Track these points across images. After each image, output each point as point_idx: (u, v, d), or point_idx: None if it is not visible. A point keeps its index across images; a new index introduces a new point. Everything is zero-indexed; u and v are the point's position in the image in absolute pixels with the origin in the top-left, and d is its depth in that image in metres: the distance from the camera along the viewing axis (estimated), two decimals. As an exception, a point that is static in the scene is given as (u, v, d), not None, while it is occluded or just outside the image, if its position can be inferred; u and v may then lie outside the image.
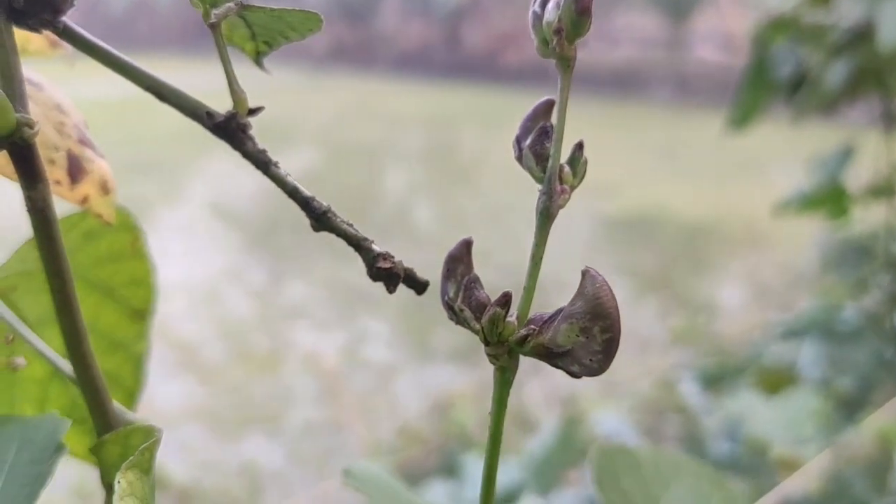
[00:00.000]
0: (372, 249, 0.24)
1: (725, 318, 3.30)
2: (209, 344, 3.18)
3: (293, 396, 2.81)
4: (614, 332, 0.23)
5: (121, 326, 0.38)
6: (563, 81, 0.24)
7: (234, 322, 3.37)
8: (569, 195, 0.25)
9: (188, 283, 3.76)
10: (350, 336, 3.19)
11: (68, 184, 0.28)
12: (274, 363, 3.03)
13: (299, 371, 2.97)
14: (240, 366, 3.03)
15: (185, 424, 2.62)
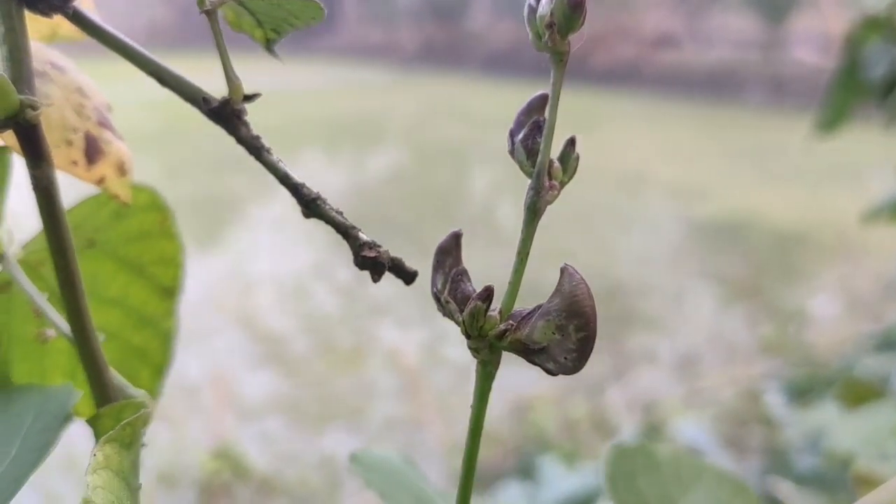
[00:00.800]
0: (359, 238, 0.24)
1: (815, 328, 3.19)
2: (295, 338, 3.24)
3: (374, 392, 2.84)
4: (589, 332, 0.22)
5: (150, 303, 0.38)
6: (555, 75, 0.24)
7: (319, 317, 3.43)
8: (558, 191, 0.24)
9: (277, 278, 3.85)
10: (431, 334, 3.20)
11: (85, 164, 0.29)
12: (357, 359, 3.07)
13: (381, 367, 3.00)
14: (324, 360, 3.08)
15: (268, 416, 2.68)
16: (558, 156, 0.25)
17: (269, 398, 2.80)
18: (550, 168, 0.24)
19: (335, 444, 2.54)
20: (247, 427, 2.62)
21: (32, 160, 0.25)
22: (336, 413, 2.72)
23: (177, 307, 0.40)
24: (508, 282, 0.24)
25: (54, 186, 0.25)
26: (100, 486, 0.20)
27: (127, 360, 0.39)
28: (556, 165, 0.24)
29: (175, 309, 0.40)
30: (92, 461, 0.21)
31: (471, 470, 0.25)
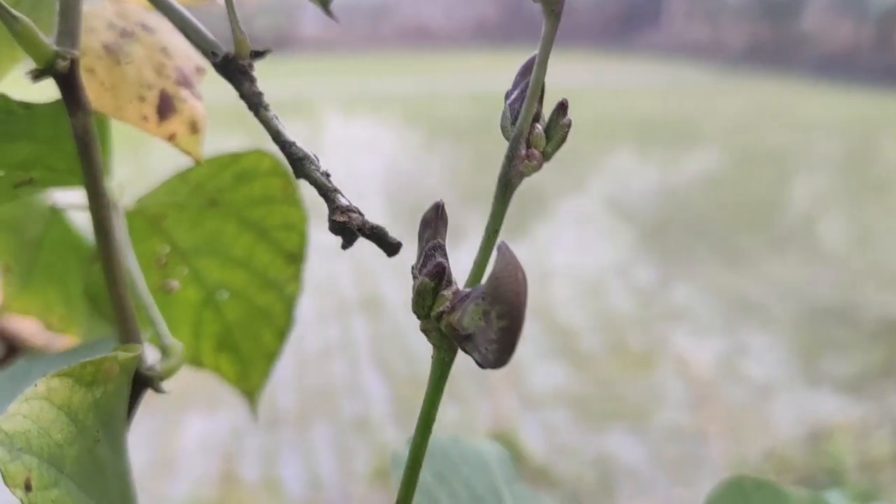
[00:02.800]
0: (336, 201, 0.23)
1: None
2: (588, 334, 3.23)
3: (662, 398, 2.75)
4: (511, 321, 0.19)
5: (274, 267, 0.40)
6: (545, 29, 0.21)
7: (614, 316, 3.38)
8: (538, 162, 0.21)
9: (576, 273, 3.85)
10: (730, 346, 3.04)
11: (156, 120, 0.30)
12: (647, 362, 2.99)
13: (671, 374, 2.90)
14: (614, 359, 3.03)
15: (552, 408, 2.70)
16: (546, 121, 0.22)
17: (555, 390, 2.81)
18: (530, 134, 0.21)
19: (615, 444, 2.49)
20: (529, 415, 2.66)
21: (70, 108, 0.26)
22: (620, 414, 2.67)
23: (301, 273, 0.41)
24: (473, 261, 0.22)
25: (90, 135, 0.27)
26: (21, 413, 0.21)
27: (251, 319, 0.40)
28: (537, 131, 0.21)
29: (299, 275, 0.41)
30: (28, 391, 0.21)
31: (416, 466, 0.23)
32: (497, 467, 0.35)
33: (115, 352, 0.23)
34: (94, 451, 0.23)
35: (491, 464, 0.35)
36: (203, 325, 0.40)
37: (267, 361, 0.42)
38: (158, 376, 0.28)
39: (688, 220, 4.67)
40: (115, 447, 0.25)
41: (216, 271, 0.39)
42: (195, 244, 0.38)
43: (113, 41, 0.30)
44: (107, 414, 0.24)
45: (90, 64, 0.30)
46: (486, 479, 0.33)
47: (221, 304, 0.40)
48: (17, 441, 0.20)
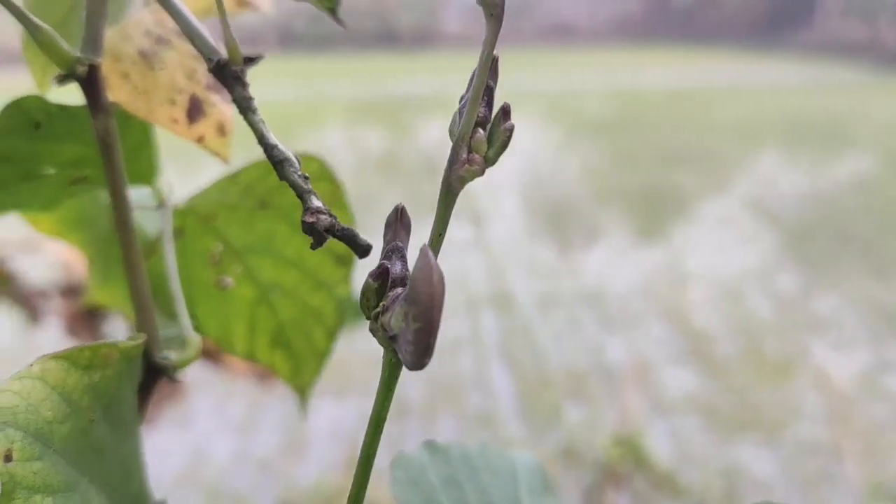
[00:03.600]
0: (309, 202, 0.24)
1: None
2: (723, 340, 3.13)
3: (798, 410, 2.64)
4: (424, 323, 0.19)
5: (325, 268, 0.41)
6: (487, 33, 0.20)
7: (752, 323, 3.27)
8: (479, 167, 0.21)
9: (713, 276, 3.74)
10: (874, 361, 2.88)
11: (185, 123, 0.32)
12: (785, 372, 2.87)
13: (809, 386, 2.78)
14: (750, 368, 2.93)
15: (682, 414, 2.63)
16: (489, 126, 0.22)
17: (685, 395, 2.74)
18: (472, 139, 0.21)
19: (746, 456, 2.41)
20: (657, 420, 2.60)
21: (93, 111, 0.28)
22: (752, 424, 2.58)
23: (350, 275, 0.42)
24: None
25: (111, 136, 0.28)
26: (11, 389, 0.23)
27: (303, 317, 0.42)
28: (478, 136, 0.21)
29: (349, 277, 0.42)
30: (23, 370, 0.23)
31: (368, 464, 0.23)
32: (524, 479, 0.35)
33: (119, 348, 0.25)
34: (89, 431, 0.25)
35: (518, 474, 0.34)
36: (258, 322, 0.42)
37: (318, 360, 0.43)
38: (173, 366, 0.30)
39: (835, 225, 4.45)
40: (118, 430, 0.26)
41: (269, 270, 0.41)
42: (248, 243, 0.40)
43: (148, 48, 0.32)
44: (107, 397, 0.26)
45: (125, 69, 0.32)
46: (507, 489, 0.33)
47: (275, 302, 0.42)
48: (3, 415, 0.22)
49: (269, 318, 0.42)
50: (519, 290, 3.61)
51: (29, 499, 0.22)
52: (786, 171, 5.79)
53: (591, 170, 5.89)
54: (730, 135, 6.78)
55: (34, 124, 0.30)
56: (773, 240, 4.26)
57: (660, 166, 5.82)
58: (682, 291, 3.57)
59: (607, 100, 8.84)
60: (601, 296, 3.52)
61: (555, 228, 4.48)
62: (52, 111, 0.30)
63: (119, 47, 0.32)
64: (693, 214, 4.74)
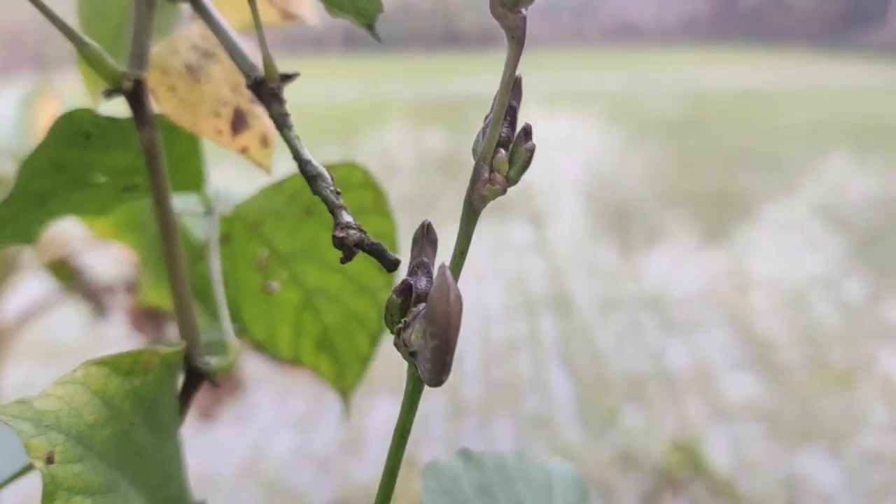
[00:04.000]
0: (340, 217, 0.24)
1: None
2: (786, 346, 3.07)
3: (864, 420, 2.57)
4: (441, 341, 0.19)
5: (368, 274, 0.42)
6: (508, 54, 0.21)
7: (817, 330, 3.19)
8: (501, 187, 0.21)
9: (778, 282, 3.66)
10: (948, 369, 2.79)
11: (229, 134, 0.33)
12: (850, 381, 2.81)
13: (876, 395, 2.71)
14: (814, 376, 2.87)
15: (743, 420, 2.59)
16: (510, 146, 0.22)
17: (747, 402, 2.69)
18: (493, 158, 0.21)
19: (810, 465, 2.36)
20: (716, 426, 2.56)
21: (138, 123, 0.29)
22: (815, 433, 2.52)
23: (394, 282, 0.42)
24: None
25: (156, 148, 0.29)
26: (55, 394, 0.24)
27: (346, 322, 0.42)
28: (500, 155, 0.21)
29: (392, 283, 0.42)
30: (68, 373, 0.24)
31: (393, 475, 0.23)
32: (560, 489, 0.34)
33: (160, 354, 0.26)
34: (130, 435, 0.26)
35: (554, 485, 0.35)
36: (303, 326, 0.43)
37: (361, 364, 0.44)
38: (213, 371, 0.31)
39: (906, 233, 4.32)
40: (159, 433, 0.27)
41: (314, 275, 0.42)
42: (293, 249, 0.41)
43: (194, 61, 0.33)
44: (148, 402, 0.27)
45: (172, 82, 0.33)
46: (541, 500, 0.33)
47: (320, 306, 0.43)
48: (46, 418, 0.23)
49: (314, 323, 0.43)
50: (579, 292, 3.59)
51: (69, 499, 0.23)
52: (856, 174, 5.65)
53: (656, 171, 5.82)
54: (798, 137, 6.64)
55: (85, 135, 0.31)
56: (841, 245, 4.16)
57: (726, 168, 5.72)
58: (745, 296, 3.51)
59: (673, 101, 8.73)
60: (663, 299, 3.48)
61: (617, 230, 4.44)
62: (101, 123, 0.31)
63: (166, 61, 0.33)
64: (759, 218, 4.65)
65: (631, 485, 2.29)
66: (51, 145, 0.31)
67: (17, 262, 1.82)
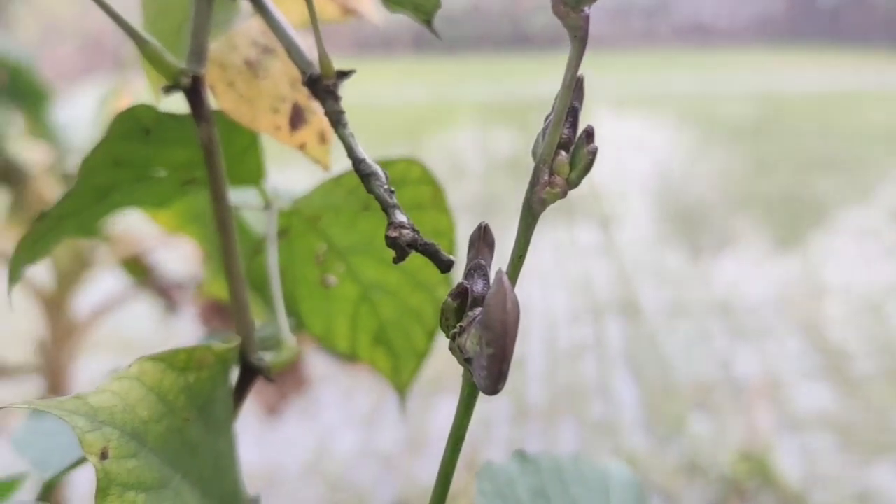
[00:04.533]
0: (393, 216, 0.24)
1: None
2: (862, 356, 2.98)
3: (943, 434, 2.49)
4: (497, 349, 0.18)
5: (426, 270, 0.41)
6: (570, 54, 0.20)
7: (894, 339, 3.09)
8: (561, 190, 0.20)
9: (853, 290, 3.56)
10: None
11: (287, 130, 0.33)
12: (929, 393, 2.71)
13: (957, 407, 2.61)
14: (890, 386, 2.78)
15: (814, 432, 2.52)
16: (572, 148, 0.21)
17: (819, 413, 2.62)
18: (553, 160, 0.20)
19: (885, 480, 2.29)
20: (787, 437, 2.50)
21: (196, 119, 0.29)
22: (891, 446, 2.44)
23: (451, 278, 0.42)
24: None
25: (213, 143, 0.29)
26: (110, 389, 0.24)
27: (403, 317, 0.42)
28: (560, 157, 0.21)
29: (450, 279, 0.42)
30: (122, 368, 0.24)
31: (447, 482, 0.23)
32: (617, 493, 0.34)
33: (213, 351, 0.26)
34: (184, 431, 0.26)
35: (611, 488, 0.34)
36: (360, 320, 0.43)
37: (417, 359, 0.43)
38: (267, 367, 0.31)
39: None
40: (213, 429, 0.27)
41: (371, 270, 0.41)
42: (351, 244, 0.41)
43: (254, 57, 0.33)
44: (202, 398, 0.27)
45: (231, 78, 0.33)
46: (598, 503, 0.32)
47: (377, 301, 0.42)
48: (101, 414, 0.23)
49: (371, 317, 0.43)
50: (646, 296, 3.54)
51: (122, 495, 0.23)
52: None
53: (728, 174, 5.71)
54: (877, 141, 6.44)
55: (145, 130, 0.32)
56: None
57: (800, 172, 5.58)
58: (819, 304, 3.41)
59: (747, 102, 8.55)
60: (733, 306, 3.40)
61: (686, 234, 4.37)
62: (161, 118, 0.32)
63: (226, 57, 0.33)
64: (834, 224, 4.53)
65: (697, 494, 2.25)
66: (111, 140, 0.31)
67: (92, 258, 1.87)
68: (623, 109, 8.49)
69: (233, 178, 0.37)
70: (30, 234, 0.31)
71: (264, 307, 0.43)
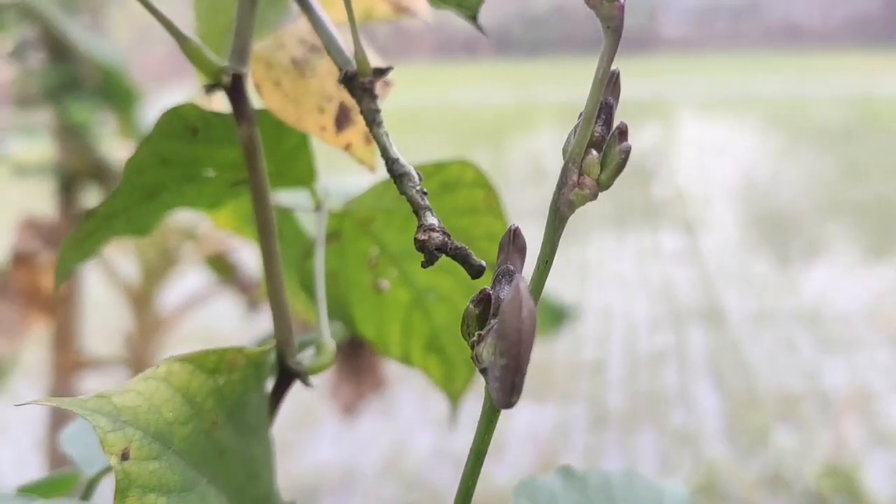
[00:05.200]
0: (423, 219, 0.23)
1: None
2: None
3: None
4: (510, 359, 0.17)
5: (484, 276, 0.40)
6: (604, 47, 0.18)
7: None
8: (591, 191, 0.19)
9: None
10: None
11: (333, 130, 0.32)
12: None
13: None
14: None
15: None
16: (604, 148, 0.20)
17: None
18: (583, 161, 0.19)
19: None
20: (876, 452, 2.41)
21: (237, 119, 0.29)
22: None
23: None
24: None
25: (254, 143, 0.29)
26: (136, 389, 0.23)
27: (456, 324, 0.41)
28: (590, 157, 0.19)
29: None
30: (149, 370, 0.24)
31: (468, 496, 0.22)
32: (670, 511, 0.32)
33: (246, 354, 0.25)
34: (212, 433, 0.25)
35: (664, 506, 0.32)
36: (412, 326, 0.42)
37: (470, 368, 0.42)
38: (305, 371, 0.30)
39: None
40: (244, 432, 0.27)
41: (424, 275, 0.41)
42: (404, 248, 0.40)
43: (301, 56, 0.33)
44: (232, 401, 0.26)
45: (277, 77, 0.33)
46: (648, 525, 0.31)
47: (430, 306, 0.42)
48: (124, 413, 0.23)
49: (424, 323, 0.42)
50: (731, 304, 3.45)
51: (142, 497, 0.22)
52: None
53: (818, 180, 5.53)
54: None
55: (192, 130, 0.31)
56: None
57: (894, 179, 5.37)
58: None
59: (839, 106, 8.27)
60: (821, 315, 3.29)
61: (774, 240, 4.25)
62: (208, 118, 0.31)
63: (273, 55, 0.33)
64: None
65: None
66: (156, 139, 0.31)
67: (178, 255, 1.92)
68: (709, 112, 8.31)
69: (284, 179, 0.37)
70: (77, 233, 0.32)
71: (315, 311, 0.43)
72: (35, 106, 1.95)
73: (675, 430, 2.55)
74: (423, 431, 2.56)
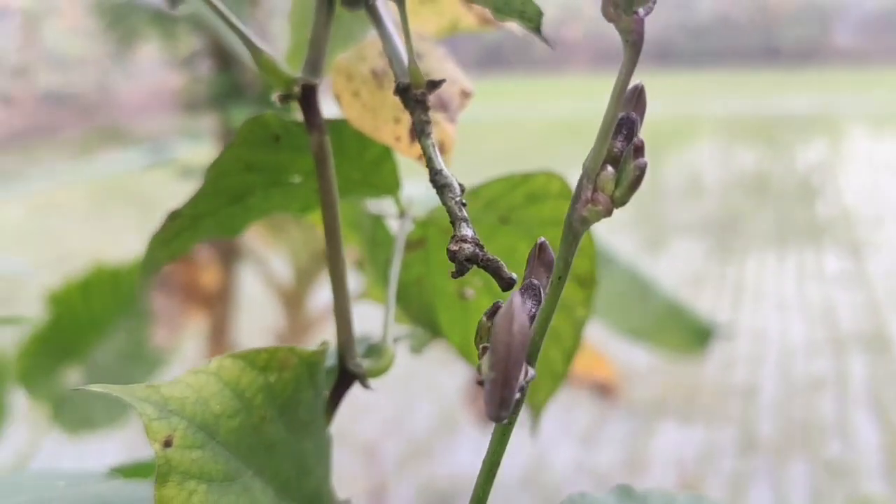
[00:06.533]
0: (458, 230, 0.23)
1: None
2: None
3: None
4: (498, 372, 0.17)
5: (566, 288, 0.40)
6: (623, 61, 0.18)
7: None
8: (605, 208, 0.18)
9: None
10: None
11: (407, 141, 0.33)
12: None
13: None
14: None
15: None
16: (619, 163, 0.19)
17: None
18: (597, 177, 0.19)
19: None
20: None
21: (308, 128, 0.30)
22: None
23: (591, 298, 0.40)
24: (540, 307, 0.20)
25: (324, 152, 0.30)
26: (186, 381, 0.24)
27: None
28: (605, 172, 0.19)
29: (590, 300, 0.40)
30: (202, 363, 0.25)
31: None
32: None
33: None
34: (260, 428, 0.26)
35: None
36: (497, 335, 0.42)
37: (554, 381, 0.42)
38: (363, 374, 0.31)
39: None
40: (296, 429, 0.28)
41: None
42: (456, 264, 0.40)
43: (380, 67, 0.34)
44: (283, 398, 0.27)
45: (357, 88, 0.34)
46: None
47: (514, 318, 0.41)
48: (172, 403, 0.24)
49: (504, 331, 0.42)
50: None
51: (182, 483, 0.24)
52: None
53: None
54: None
55: (274, 137, 0.33)
56: None
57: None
58: None
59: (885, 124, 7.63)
60: None
61: (951, 267, 3.96)
62: (289, 126, 0.33)
63: (354, 67, 0.34)
64: None
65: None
66: (239, 146, 0.33)
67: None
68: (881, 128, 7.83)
69: (370, 188, 0.38)
70: (163, 233, 0.34)
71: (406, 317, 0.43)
72: (201, 111, 2.07)
73: (830, 462, 2.42)
74: (564, 446, 2.53)
